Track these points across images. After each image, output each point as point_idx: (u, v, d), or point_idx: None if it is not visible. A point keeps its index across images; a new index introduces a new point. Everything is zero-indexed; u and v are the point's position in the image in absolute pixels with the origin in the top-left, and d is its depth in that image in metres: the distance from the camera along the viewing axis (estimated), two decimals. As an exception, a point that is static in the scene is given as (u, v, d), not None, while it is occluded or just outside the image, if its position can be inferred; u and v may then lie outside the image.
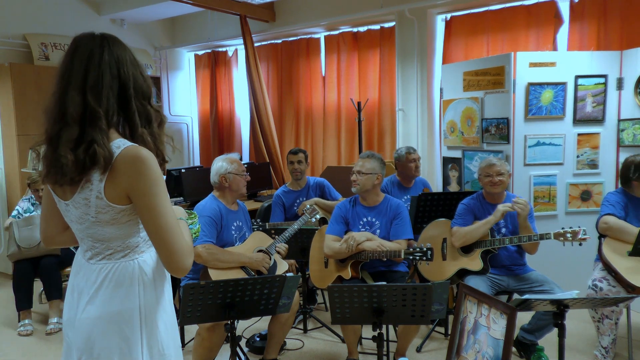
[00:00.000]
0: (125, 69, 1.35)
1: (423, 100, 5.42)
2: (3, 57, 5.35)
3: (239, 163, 3.14)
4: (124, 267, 1.38)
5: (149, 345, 1.41)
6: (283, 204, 4.13)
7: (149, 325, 1.41)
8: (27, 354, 3.48)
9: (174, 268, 1.34)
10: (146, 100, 1.39)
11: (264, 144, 6.28)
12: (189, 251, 1.37)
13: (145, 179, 1.30)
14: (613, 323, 3.01)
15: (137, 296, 1.38)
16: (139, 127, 1.37)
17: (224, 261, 2.87)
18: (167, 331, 1.46)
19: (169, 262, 1.34)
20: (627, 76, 3.97)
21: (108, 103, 1.32)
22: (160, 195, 1.32)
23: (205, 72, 7.50)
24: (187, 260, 1.35)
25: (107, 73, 1.32)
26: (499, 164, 3.15)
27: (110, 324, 1.37)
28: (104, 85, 1.31)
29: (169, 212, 1.33)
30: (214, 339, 2.77)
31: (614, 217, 3.04)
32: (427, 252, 2.81)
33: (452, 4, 5.11)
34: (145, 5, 5.91)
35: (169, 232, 1.32)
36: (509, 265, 3.14)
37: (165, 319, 1.46)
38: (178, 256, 1.33)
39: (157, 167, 1.33)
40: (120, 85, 1.34)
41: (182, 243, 1.34)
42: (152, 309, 1.41)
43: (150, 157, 1.32)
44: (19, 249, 3.83)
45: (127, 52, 1.38)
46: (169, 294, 1.51)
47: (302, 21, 6.07)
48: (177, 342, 1.53)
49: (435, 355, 3.29)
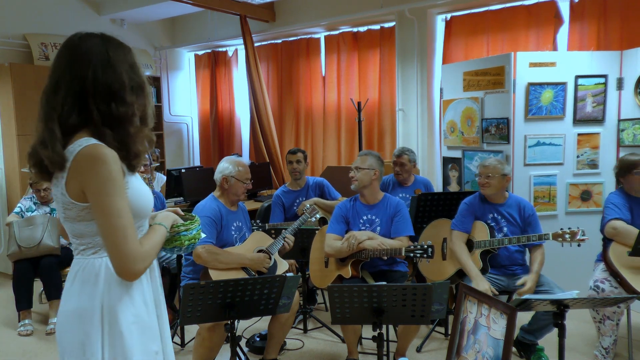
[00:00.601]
0: (91, 70, 1.34)
1: (423, 100, 5.42)
2: (3, 57, 5.35)
3: (245, 170, 3.10)
4: (92, 264, 1.39)
5: (112, 345, 1.37)
6: (283, 204, 4.13)
7: (112, 326, 1.37)
8: (27, 354, 3.48)
9: (120, 272, 1.32)
10: (114, 100, 1.36)
11: (264, 144, 6.29)
12: (140, 257, 1.33)
13: (97, 177, 1.29)
14: (614, 324, 3.00)
15: (99, 295, 1.37)
16: (100, 127, 1.35)
17: (224, 262, 2.87)
18: (133, 334, 1.40)
19: (115, 264, 1.32)
20: (627, 76, 3.97)
21: (64, 104, 1.33)
22: (113, 195, 1.30)
23: (205, 72, 7.50)
24: (135, 266, 1.32)
25: (66, 74, 1.34)
26: (492, 165, 3.11)
27: (75, 319, 1.38)
28: (62, 86, 1.33)
29: (121, 213, 1.30)
30: (214, 339, 2.77)
31: (622, 221, 3.00)
32: (427, 250, 2.83)
33: (452, 4, 5.11)
34: (145, 5, 5.91)
35: (117, 233, 1.29)
36: (509, 266, 3.14)
37: (131, 321, 1.40)
38: (124, 260, 1.30)
39: (114, 167, 1.30)
40: (81, 87, 1.34)
41: (131, 247, 1.31)
42: (115, 310, 1.37)
43: (107, 156, 1.30)
44: (19, 248, 3.83)
45: (100, 52, 1.36)
46: (144, 295, 1.45)
47: (302, 21, 6.07)
48: (151, 347, 1.45)
49: (435, 355, 3.29)
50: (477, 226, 3.17)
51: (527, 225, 3.11)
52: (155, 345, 1.47)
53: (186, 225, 1.60)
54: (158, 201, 3.85)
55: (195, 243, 1.64)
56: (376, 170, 3.18)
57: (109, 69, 1.36)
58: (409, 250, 2.89)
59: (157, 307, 1.53)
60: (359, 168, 3.17)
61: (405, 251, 2.91)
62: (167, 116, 7.26)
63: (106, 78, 1.35)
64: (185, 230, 1.59)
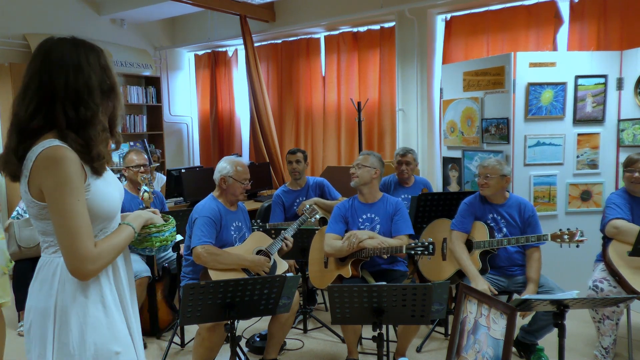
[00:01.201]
0: (62, 75, 1.37)
1: (423, 100, 5.42)
2: (3, 57, 5.35)
3: (243, 170, 3.08)
4: (50, 262, 1.42)
5: (61, 344, 1.38)
6: (283, 204, 4.13)
7: (63, 326, 1.39)
8: (27, 354, 3.47)
9: (71, 271, 1.35)
10: (82, 105, 1.39)
11: (264, 144, 6.29)
12: (91, 258, 1.35)
13: (53, 178, 1.32)
14: (614, 324, 3.00)
15: (54, 294, 1.40)
16: (63, 130, 1.38)
17: (223, 263, 2.86)
18: (86, 334, 1.39)
19: (66, 264, 1.35)
20: (627, 76, 3.97)
21: (28, 108, 1.36)
22: (67, 196, 1.32)
23: (205, 72, 7.50)
24: (88, 266, 1.34)
25: (35, 79, 1.37)
26: (491, 166, 3.10)
27: (35, 317, 1.42)
28: (29, 91, 1.37)
29: (74, 214, 1.33)
30: (214, 339, 2.77)
31: (623, 220, 3.00)
32: (428, 247, 2.83)
33: (452, 4, 5.11)
34: (145, 5, 5.91)
35: (70, 234, 1.32)
36: (509, 266, 3.14)
37: (85, 321, 1.40)
38: (74, 260, 1.33)
39: (71, 169, 1.33)
40: (51, 91, 1.37)
41: (84, 247, 1.33)
42: (67, 309, 1.39)
43: (65, 158, 1.33)
44: (19, 248, 3.83)
45: (71, 57, 1.39)
46: (102, 295, 1.44)
47: (302, 21, 6.07)
48: (111, 348, 1.43)
49: (435, 355, 3.29)
50: (477, 226, 3.16)
51: (527, 226, 3.11)
52: (118, 346, 1.45)
53: (158, 227, 1.60)
54: (157, 201, 3.85)
55: (168, 245, 1.64)
56: (377, 169, 3.19)
57: (80, 74, 1.39)
58: (410, 247, 2.89)
59: (124, 308, 1.52)
60: (361, 165, 3.18)
61: (407, 249, 2.90)
62: (167, 116, 7.26)
63: (77, 84, 1.38)
64: (157, 232, 1.59)
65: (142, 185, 2.33)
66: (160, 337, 3.64)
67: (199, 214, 2.96)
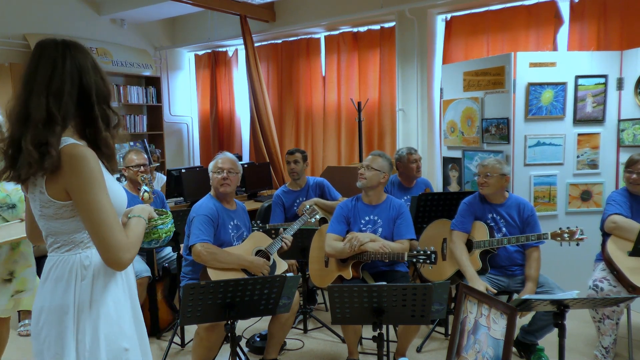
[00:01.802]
0: (88, 76, 1.43)
1: (423, 100, 5.42)
2: (3, 57, 5.35)
3: (221, 161, 3.11)
4: (66, 260, 1.44)
5: (82, 341, 1.40)
6: (283, 204, 4.13)
7: (82, 323, 1.41)
8: (27, 354, 3.47)
9: (111, 262, 1.39)
10: (106, 104, 1.46)
11: (264, 144, 6.29)
12: (127, 247, 1.40)
13: (80, 175, 1.35)
14: (614, 323, 3.00)
15: (72, 292, 1.42)
16: (103, 131, 1.44)
17: (222, 262, 2.86)
18: (101, 331, 1.42)
19: (105, 257, 1.38)
20: (627, 76, 3.97)
21: (67, 109, 1.39)
22: (96, 192, 1.36)
23: (205, 72, 7.50)
24: (125, 255, 1.39)
25: (67, 81, 1.39)
26: (490, 165, 3.10)
27: (51, 315, 1.42)
28: (64, 92, 1.38)
29: (105, 208, 1.37)
30: (212, 339, 2.76)
31: (622, 216, 3.02)
32: (430, 256, 2.78)
33: (452, 4, 5.11)
34: (145, 5, 5.91)
35: (104, 227, 1.36)
36: (509, 266, 3.14)
37: (101, 317, 1.42)
38: (114, 251, 1.37)
39: (94, 165, 1.37)
40: (81, 92, 1.41)
41: (118, 238, 1.38)
42: (85, 306, 1.41)
43: (87, 155, 1.36)
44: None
45: (89, 59, 1.45)
46: (115, 293, 1.47)
47: (302, 21, 6.07)
48: (121, 344, 1.45)
49: (435, 355, 3.29)
50: (477, 226, 3.17)
51: (526, 225, 3.10)
52: (126, 343, 1.48)
53: (162, 218, 1.65)
54: (158, 200, 3.85)
55: (169, 236, 1.69)
56: (386, 174, 3.16)
57: (98, 75, 1.44)
58: (412, 255, 2.85)
59: (133, 308, 1.55)
60: (370, 167, 3.15)
61: (408, 256, 2.88)
62: (167, 116, 7.26)
63: (100, 85, 1.44)
64: (162, 224, 1.64)
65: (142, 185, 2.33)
66: (160, 337, 3.64)
67: (196, 213, 2.97)
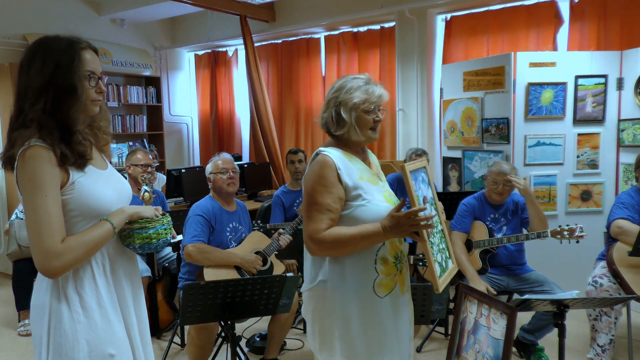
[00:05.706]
0: (62, 75, 1.38)
1: (423, 100, 5.42)
2: (3, 57, 5.35)
3: (222, 162, 3.09)
4: None
5: (55, 344, 1.39)
6: (283, 204, 4.13)
7: (57, 324, 1.39)
8: (27, 354, 3.47)
9: (39, 269, 1.35)
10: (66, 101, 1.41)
11: (264, 144, 6.28)
12: (54, 254, 1.32)
13: (21, 176, 1.35)
14: (612, 321, 2.98)
15: (49, 293, 1.41)
16: (41, 129, 1.38)
17: (213, 260, 2.87)
18: (79, 334, 1.39)
19: (35, 262, 1.35)
20: (627, 76, 3.97)
21: (34, 108, 1.36)
22: (34, 194, 1.32)
23: (205, 72, 7.50)
24: (52, 262, 1.32)
25: (37, 79, 1.37)
26: (513, 172, 3.08)
27: (34, 314, 1.45)
28: (34, 91, 1.37)
29: (39, 211, 1.32)
30: (203, 338, 2.76)
31: (627, 221, 2.95)
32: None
33: (452, 4, 5.11)
34: (145, 5, 5.90)
35: (32, 230, 1.32)
36: (509, 265, 3.14)
37: (78, 320, 1.40)
38: (40, 256, 1.32)
39: (40, 165, 1.32)
40: (56, 92, 1.37)
41: (47, 244, 1.31)
42: (61, 309, 1.39)
43: (34, 156, 1.33)
44: (19, 248, 3.82)
45: (66, 57, 1.39)
46: (98, 297, 1.44)
47: (302, 21, 6.07)
48: (105, 350, 1.42)
49: (435, 355, 3.29)
50: (476, 226, 3.17)
51: (522, 211, 3.15)
52: (112, 349, 1.43)
53: (141, 223, 1.52)
54: (159, 200, 3.85)
55: (152, 244, 1.54)
56: None
57: (74, 75, 1.39)
58: (418, 259, 2.85)
59: (124, 311, 1.51)
60: None
61: (414, 259, 2.87)
62: (167, 116, 7.26)
63: (72, 85, 1.39)
64: (139, 228, 1.51)
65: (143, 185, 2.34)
66: (160, 337, 3.64)
67: (192, 213, 2.98)
